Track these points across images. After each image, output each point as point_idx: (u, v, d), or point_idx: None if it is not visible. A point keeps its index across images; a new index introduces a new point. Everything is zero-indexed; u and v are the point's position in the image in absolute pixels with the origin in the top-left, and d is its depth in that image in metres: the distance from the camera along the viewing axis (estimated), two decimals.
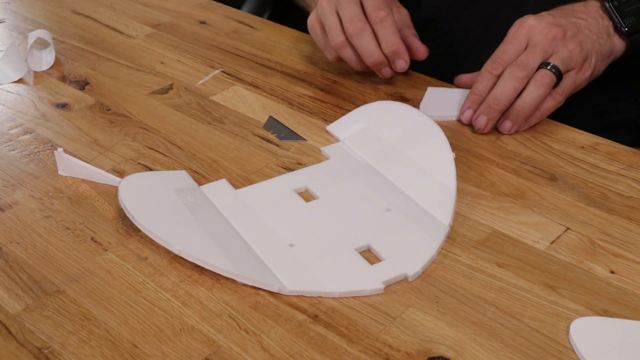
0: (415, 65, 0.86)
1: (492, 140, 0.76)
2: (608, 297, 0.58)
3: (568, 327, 0.55)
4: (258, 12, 1.14)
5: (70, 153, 0.74)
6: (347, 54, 0.82)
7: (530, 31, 0.76)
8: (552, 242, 0.63)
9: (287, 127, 0.79)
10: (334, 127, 0.78)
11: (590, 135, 0.77)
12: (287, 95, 0.85)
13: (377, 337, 0.55)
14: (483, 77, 0.76)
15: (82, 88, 0.87)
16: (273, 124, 0.79)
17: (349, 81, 0.87)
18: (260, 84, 0.87)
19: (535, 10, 0.85)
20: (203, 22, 1.02)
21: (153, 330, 0.56)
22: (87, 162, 0.72)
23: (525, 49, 0.75)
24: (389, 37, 0.80)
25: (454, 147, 0.73)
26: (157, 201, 0.66)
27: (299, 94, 0.85)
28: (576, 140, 0.76)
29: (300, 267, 0.60)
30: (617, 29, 0.78)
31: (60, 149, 0.71)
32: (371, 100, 0.83)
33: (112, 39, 0.98)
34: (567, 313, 0.57)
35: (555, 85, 0.75)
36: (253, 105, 0.83)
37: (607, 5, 0.78)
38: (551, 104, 0.76)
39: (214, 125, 0.80)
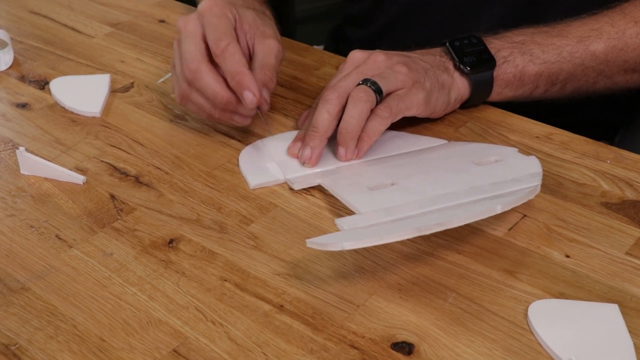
0: None
1: (450, 132, 0.78)
2: (564, 280, 0.60)
3: (526, 310, 0.57)
4: None
5: (32, 152, 0.74)
6: (193, 103, 0.73)
7: (352, 61, 0.76)
8: (509, 229, 0.65)
9: None
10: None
11: (545, 125, 0.79)
12: None
13: (342, 325, 0.56)
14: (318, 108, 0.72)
15: (42, 88, 0.87)
16: None
17: (309, 77, 0.88)
18: None
19: (494, 7, 0.87)
20: (162, 21, 1.02)
21: (120, 324, 0.56)
22: (50, 161, 0.72)
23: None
24: (231, 67, 0.69)
25: None
26: None
27: None
28: (531, 130, 0.78)
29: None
30: (457, 68, 0.77)
31: (22, 148, 0.71)
32: None
33: (71, 39, 0.98)
34: (525, 297, 0.58)
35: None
36: None
37: (447, 46, 0.78)
38: (377, 123, 0.70)
39: (176, 122, 0.80)
